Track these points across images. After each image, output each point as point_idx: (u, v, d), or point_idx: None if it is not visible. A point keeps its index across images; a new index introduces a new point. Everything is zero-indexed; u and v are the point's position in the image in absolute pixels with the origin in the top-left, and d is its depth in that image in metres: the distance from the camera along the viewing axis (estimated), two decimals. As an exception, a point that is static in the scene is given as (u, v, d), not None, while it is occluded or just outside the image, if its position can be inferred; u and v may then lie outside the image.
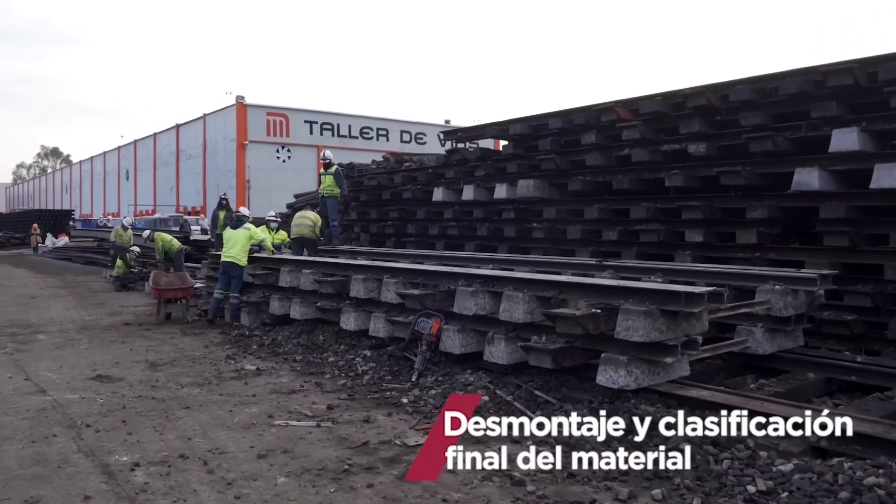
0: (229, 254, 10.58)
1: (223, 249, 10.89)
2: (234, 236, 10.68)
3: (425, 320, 7.01)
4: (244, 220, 11.21)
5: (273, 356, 8.24)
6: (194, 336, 9.72)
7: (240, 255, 10.60)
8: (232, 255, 10.55)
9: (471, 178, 12.19)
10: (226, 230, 11.16)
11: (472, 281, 6.88)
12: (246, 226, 10.97)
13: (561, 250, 10.59)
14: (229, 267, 10.59)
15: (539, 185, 10.67)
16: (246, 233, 10.74)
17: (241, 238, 10.64)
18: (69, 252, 30.00)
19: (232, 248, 10.58)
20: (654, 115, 9.34)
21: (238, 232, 10.72)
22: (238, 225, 10.91)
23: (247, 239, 10.70)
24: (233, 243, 10.60)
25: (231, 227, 11.08)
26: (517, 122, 11.22)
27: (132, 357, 8.20)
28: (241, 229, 10.78)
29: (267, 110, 45.58)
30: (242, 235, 10.67)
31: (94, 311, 12.65)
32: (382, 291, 7.79)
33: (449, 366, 7.01)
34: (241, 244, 10.58)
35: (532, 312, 6.26)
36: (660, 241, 9.20)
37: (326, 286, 8.63)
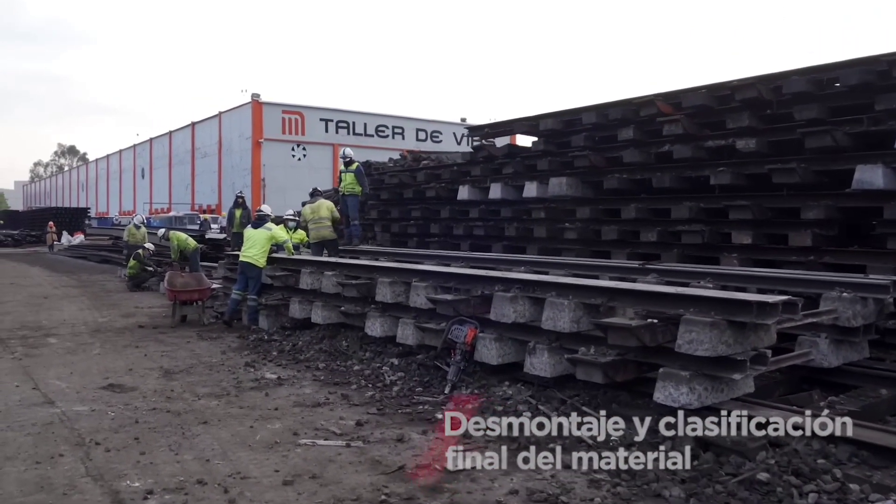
0: (248, 254, 10.13)
1: (242, 249, 10.45)
2: (254, 236, 10.23)
3: (459, 328, 6.51)
4: (266, 219, 10.75)
5: (294, 363, 7.78)
6: (211, 340, 9.29)
7: (258, 256, 10.15)
8: (250, 256, 10.10)
9: (498, 176, 11.67)
10: (246, 229, 10.69)
11: (511, 286, 6.37)
12: (267, 225, 10.51)
13: (595, 252, 10.06)
14: (247, 268, 10.15)
15: (572, 184, 10.13)
16: (266, 233, 10.28)
17: (260, 238, 10.19)
18: (84, 250, 29.81)
19: (251, 248, 10.13)
20: (697, 109, 8.77)
21: (258, 232, 10.27)
22: (259, 224, 10.46)
23: (267, 239, 10.25)
24: (252, 243, 10.15)
25: (252, 225, 10.62)
26: (548, 117, 10.68)
27: (146, 363, 7.77)
28: (261, 229, 10.32)
29: (282, 108, 45.36)
30: (263, 235, 10.22)
31: (107, 312, 12.27)
32: (411, 296, 7.29)
33: (484, 377, 6.51)
34: (260, 244, 10.13)
35: (578, 321, 5.74)
36: (703, 243, 8.64)
37: (350, 289, 8.15)
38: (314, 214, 12.16)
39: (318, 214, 12.14)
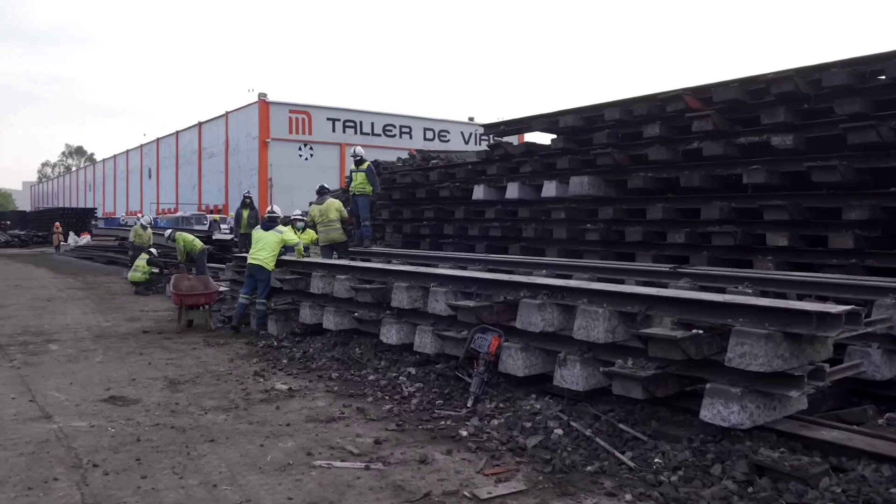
0: (257, 256, 9.75)
1: (250, 251, 10.06)
2: (264, 238, 9.84)
3: (482, 337, 6.10)
4: (276, 220, 10.36)
5: (305, 372, 7.39)
6: (218, 347, 8.91)
7: (268, 259, 9.77)
8: (260, 259, 9.72)
9: (515, 175, 11.24)
10: (255, 230, 10.28)
11: (538, 292, 5.95)
12: (278, 228, 10.12)
13: (618, 254, 9.63)
14: (256, 270, 9.76)
15: (594, 183, 9.69)
16: (277, 236, 9.90)
17: (271, 241, 9.81)
18: (90, 251, 29.53)
19: (260, 251, 9.74)
20: (729, 104, 8.32)
21: (269, 234, 9.88)
22: (270, 226, 10.06)
23: (277, 242, 9.87)
24: (262, 245, 9.77)
25: (262, 227, 10.21)
26: (568, 113, 10.24)
27: (150, 373, 7.39)
28: (272, 232, 9.93)
29: (289, 108, 45.18)
30: (273, 238, 9.84)
31: (111, 316, 11.91)
32: (430, 301, 6.89)
33: (510, 389, 6.10)
34: (270, 247, 9.75)
35: (614, 331, 5.32)
36: (736, 245, 8.20)
37: (364, 294, 7.75)
38: (323, 216, 11.74)
39: (327, 216, 11.72)
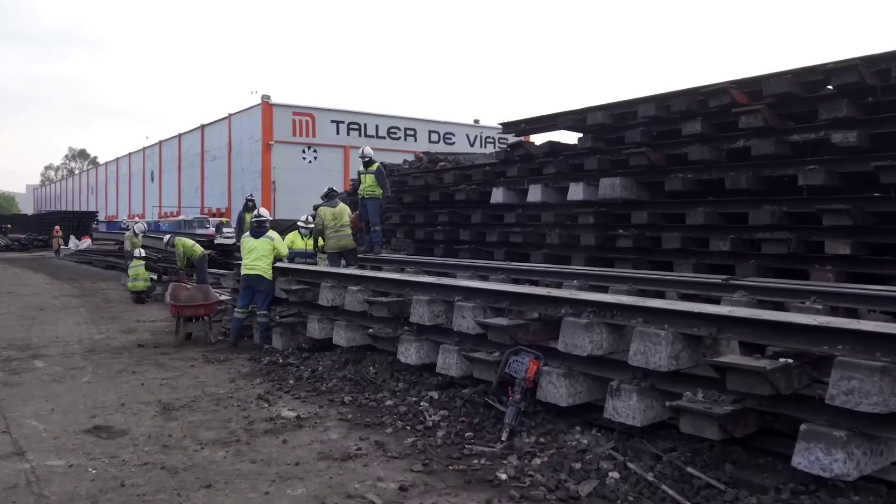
0: (255, 265, 9.04)
1: (244, 261, 9.30)
2: (258, 246, 9.14)
3: (518, 360, 5.34)
4: (265, 225, 9.58)
5: (315, 395, 6.63)
6: (218, 364, 8.16)
7: (266, 267, 9.09)
8: (259, 268, 9.01)
9: (538, 177, 10.49)
10: (245, 238, 9.52)
11: (583, 309, 5.19)
12: (269, 234, 9.38)
13: (653, 262, 8.87)
14: (254, 281, 9.05)
15: (627, 185, 8.93)
16: (268, 243, 9.20)
17: (266, 248, 9.13)
18: (90, 255, 28.85)
19: (257, 260, 9.04)
20: (781, 98, 7.56)
21: (261, 241, 9.18)
22: (260, 232, 9.34)
23: (270, 249, 9.17)
24: (256, 255, 9.08)
25: (251, 234, 9.45)
26: (597, 109, 9.49)
27: (142, 396, 6.64)
28: (264, 238, 9.23)
29: (293, 110, 44.59)
30: (266, 245, 9.16)
31: (105, 326, 11.17)
32: (455, 317, 6.12)
33: (549, 420, 5.34)
34: (267, 255, 9.08)
35: (677, 357, 4.55)
36: (789, 253, 7.43)
37: (380, 308, 6.99)
38: (335, 221, 10.95)
39: (340, 221, 10.93)
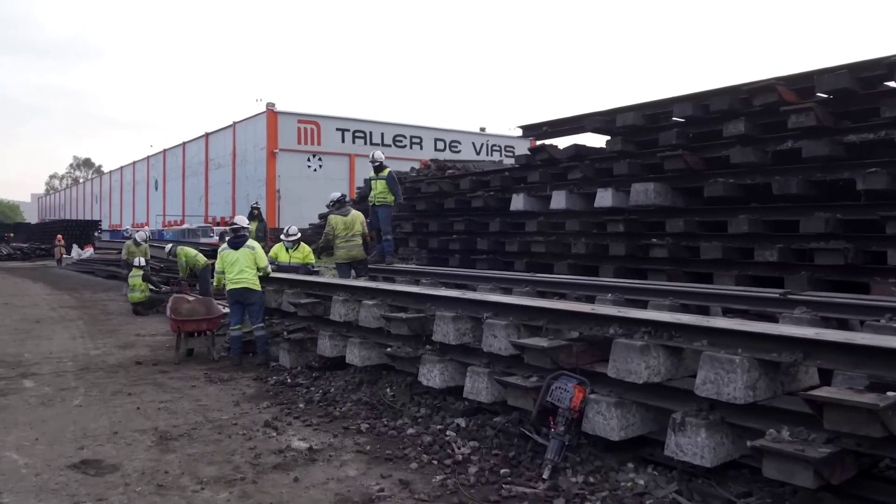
0: (241, 278, 8.48)
1: (227, 275, 8.64)
2: (238, 258, 8.56)
3: (561, 387, 4.70)
4: (244, 235, 8.95)
5: (328, 422, 6.00)
6: (222, 384, 7.53)
7: (253, 278, 8.56)
8: (246, 280, 8.48)
9: (562, 182, 9.87)
10: (225, 252, 8.80)
11: (635, 329, 4.56)
12: (249, 244, 8.78)
13: (690, 273, 8.23)
14: (241, 295, 8.51)
15: (661, 190, 8.30)
16: (250, 253, 8.63)
17: (246, 259, 8.57)
18: (92, 265, 28.34)
19: (243, 273, 8.49)
20: (835, 95, 6.95)
21: (241, 253, 8.60)
22: (239, 243, 8.72)
23: (253, 259, 8.61)
24: (241, 266, 8.52)
25: (230, 245, 8.77)
26: (628, 110, 8.88)
27: (137, 422, 6.01)
28: (244, 249, 8.64)
29: (298, 118, 44.29)
30: (248, 255, 8.59)
31: (103, 341, 10.57)
32: (485, 336, 5.49)
33: (597, 455, 4.70)
34: (249, 265, 8.54)
35: (754, 386, 3.92)
36: (846, 264, 6.79)
37: (399, 325, 6.36)
38: (347, 230, 10.32)
39: (352, 230, 10.31)
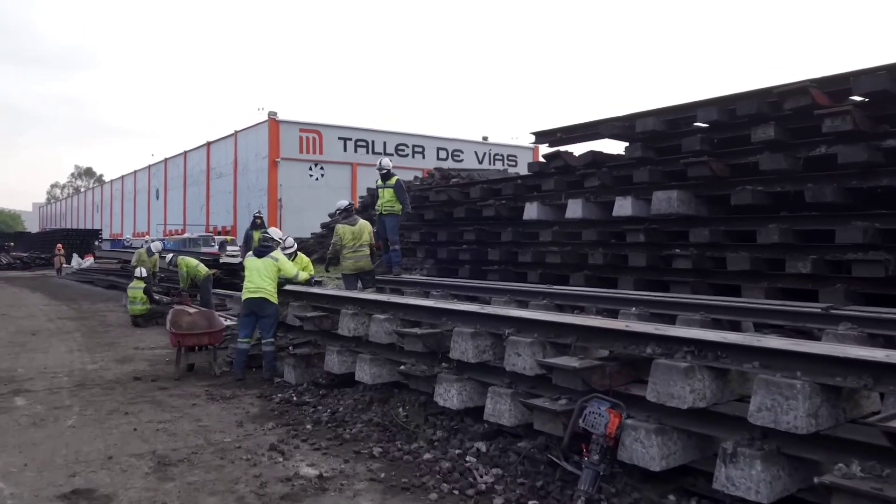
0: (257, 288, 8.11)
1: (245, 283, 8.34)
2: (262, 267, 8.22)
3: (595, 411, 4.31)
4: (271, 246, 8.65)
5: (338, 445, 5.61)
6: (224, 402, 7.14)
7: (271, 290, 8.19)
8: (264, 290, 8.10)
9: (577, 191, 9.50)
10: (249, 259, 8.55)
11: (675, 348, 4.18)
12: (273, 255, 8.47)
13: (715, 286, 7.85)
14: (257, 305, 8.12)
15: (685, 199, 7.93)
16: (272, 263, 8.30)
17: (270, 269, 8.23)
18: (92, 274, 27.96)
19: (262, 282, 8.12)
20: (873, 98, 6.60)
21: (263, 262, 8.28)
22: (264, 252, 8.41)
23: (275, 270, 8.27)
24: (261, 276, 8.16)
25: (255, 253, 8.53)
26: (648, 115, 8.52)
27: (134, 445, 5.62)
28: (267, 258, 8.33)
29: (300, 126, 44.25)
30: (270, 266, 8.25)
31: (100, 354, 10.19)
32: (507, 355, 5.11)
33: (635, 484, 4.31)
34: (269, 275, 8.18)
35: (816, 414, 3.53)
36: (887, 277, 6.41)
37: (413, 341, 5.97)
38: (355, 240, 9.93)
39: (360, 240, 9.92)
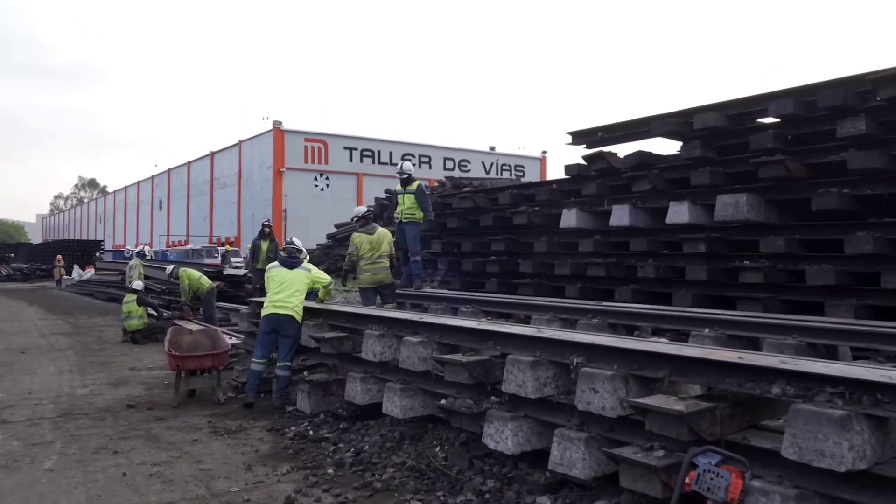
0: (284, 304, 7.08)
1: (270, 297, 7.30)
2: (291, 280, 7.21)
3: (710, 470, 3.34)
4: (299, 256, 7.76)
5: (367, 496, 4.64)
6: (229, 436, 6.17)
7: (298, 307, 7.18)
8: (289, 306, 7.08)
9: (623, 196, 8.55)
10: (275, 270, 7.50)
11: (816, 388, 3.21)
12: (305, 265, 7.59)
13: (789, 302, 6.88)
14: (282, 323, 7.08)
15: (755, 203, 6.98)
16: (305, 275, 7.35)
17: (299, 281, 7.24)
18: (92, 286, 27.18)
19: (290, 297, 7.11)
20: None
21: (295, 273, 7.29)
22: (293, 263, 7.44)
23: (306, 284, 7.31)
24: (290, 290, 7.14)
25: (282, 263, 7.48)
26: (708, 110, 7.58)
27: (121, 496, 4.66)
28: (299, 269, 7.36)
29: (305, 136, 43.56)
30: (302, 278, 7.27)
31: (92, 376, 9.24)
32: (580, 390, 4.14)
33: (762, 567, 3.32)
34: (300, 290, 7.20)
35: None
36: None
37: (456, 371, 4.99)
38: (373, 250, 8.88)
39: (378, 250, 8.87)
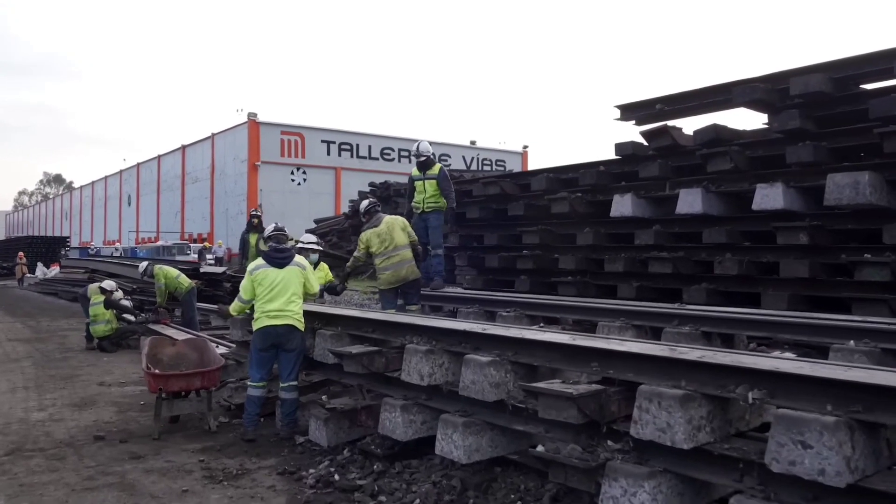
0: (284, 312, 5.58)
1: (261, 306, 5.68)
2: (284, 281, 5.68)
3: None
4: (288, 248, 6.14)
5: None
6: (228, 483, 4.72)
7: (298, 313, 5.69)
8: (289, 315, 5.60)
9: (692, 178, 7.22)
10: (261, 271, 5.77)
11: None
12: (297, 261, 5.97)
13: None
14: (282, 337, 5.59)
15: (876, 184, 5.72)
16: (299, 273, 5.82)
17: (295, 283, 5.73)
18: (56, 285, 25.44)
19: (288, 304, 5.61)
20: None
21: (288, 273, 5.74)
22: (283, 260, 5.84)
23: (301, 283, 5.79)
24: (285, 295, 5.63)
25: (267, 260, 5.84)
26: (810, 71, 6.31)
27: None
28: (292, 267, 5.81)
29: (281, 129, 42.33)
30: (295, 277, 5.76)
31: (53, 394, 7.70)
32: (777, 442, 2.79)
33: None
34: (297, 293, 5.72)
35: None
36: None
37: (558, 406, 3.57)
38: (384, 244, 7.42)
39: (392, 242, 7.42)
